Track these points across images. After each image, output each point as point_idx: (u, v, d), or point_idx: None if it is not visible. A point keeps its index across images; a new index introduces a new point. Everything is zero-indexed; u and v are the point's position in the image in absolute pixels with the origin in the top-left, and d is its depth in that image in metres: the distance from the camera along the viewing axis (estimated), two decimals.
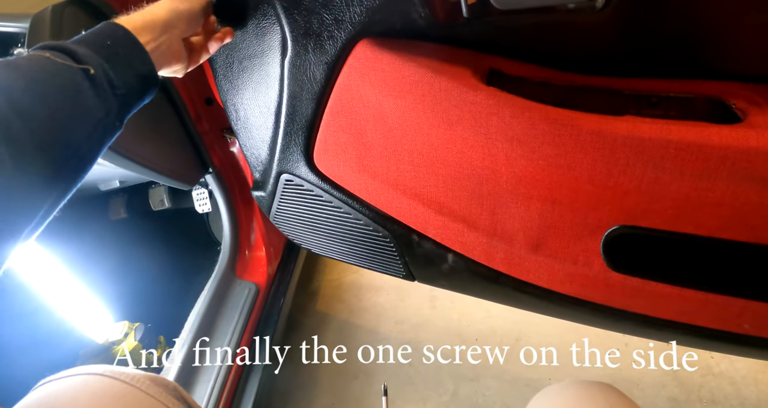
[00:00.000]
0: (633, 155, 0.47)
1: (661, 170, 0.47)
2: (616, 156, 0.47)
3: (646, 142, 0.47)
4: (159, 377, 0.50)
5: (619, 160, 0.47)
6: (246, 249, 1.13)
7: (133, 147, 0.86)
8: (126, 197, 1.43)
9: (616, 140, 0.47)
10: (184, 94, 0.98)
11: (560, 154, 0.49)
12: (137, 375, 0.48)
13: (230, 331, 1.01)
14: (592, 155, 0.48)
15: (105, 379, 0.46)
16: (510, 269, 0.62)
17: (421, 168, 0.59)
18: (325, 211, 0.74)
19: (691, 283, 0.55)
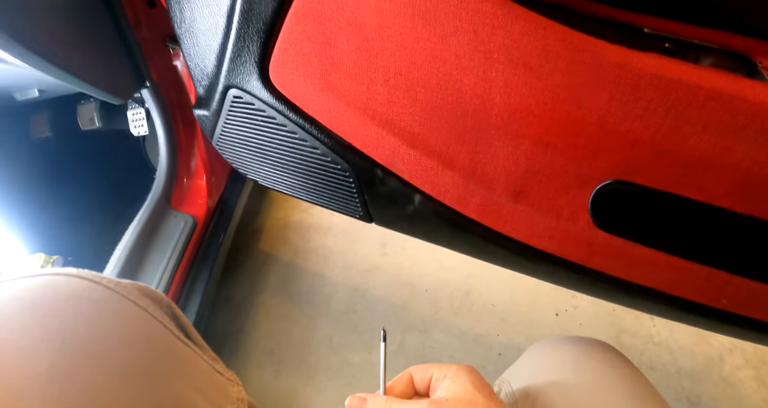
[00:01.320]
0: (657, 97, 0.40)
1: (683, 119, 0.40)
2: (637, 96, 0.40)
3: (674, 84, 0.39)
4: (149, 288, 0.40)
5: (639, 101, 0.40)
6: (184, 177, 1.01)
7: (57, 49, 0.71)
8: (51, 113, 1.25)
9: (641, 77, 0.39)
10: None
11: (573, 86, 0.40)
12: (123, 282, 0.39)
13: (161, 267, 0.91)
14: (610, 91, 0.40)
15: (81, 282, 0.36)
16: (484, 217, 0.55)
17: (398, 91, 0.49)
18: (276, 136, 0.63)
19: (678, 250, 0.50)
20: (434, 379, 0.44)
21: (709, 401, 1.05)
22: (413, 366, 0.46)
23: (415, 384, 0.45)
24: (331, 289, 1.18)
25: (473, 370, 0.44)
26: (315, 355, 1.08)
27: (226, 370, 0.44)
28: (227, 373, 0.44)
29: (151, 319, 0.37)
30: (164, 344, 0.37)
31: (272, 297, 1.18)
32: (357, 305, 1.14)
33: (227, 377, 0.43)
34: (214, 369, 0.42)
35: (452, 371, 0.43)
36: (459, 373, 0.43)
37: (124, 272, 0.87)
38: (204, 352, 0.42)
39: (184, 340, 0.40)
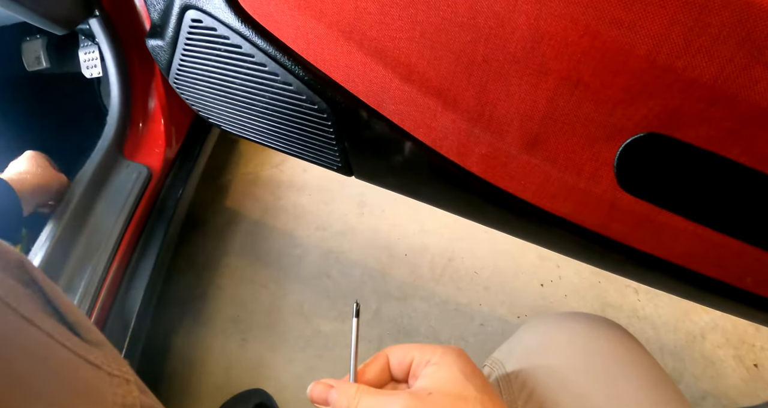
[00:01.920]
0: (730, 24, 0.31)
1: (757, 57, 0.32)
2: (706, 20, 0.31)
3: (753, 8, 0.30)
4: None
5: (709, 28, 0.31)
6: (140, 122, 0.89)
7: None
8: None
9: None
10: None
11: (625, 4, 0.31)
12: None
13: (110, 223, 0.80)
14: (672, 13, 0.31)
15: None
16: (488, 171, 0.46)
17: (393, 9, 0.39)
18: (242, 70, 0.53)
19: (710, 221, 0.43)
20: (415, 363, 0.38)
21: (690, 379, 1.04)
22: (390, 347, 0.40)
23: (392, 368, 0.39)
24: (302, 251, 1.09)
25: (462, 354, 0.37)
26: (284, 323, 1.00)
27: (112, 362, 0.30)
28: (112, 366, 0.30)
29: None
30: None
31: (238, 259, 1.09)
32: (331, 269, 1.06)
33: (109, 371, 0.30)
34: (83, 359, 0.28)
35: (437, 356, 0.37)
36: (445, 358, 0.36)
37: (68, 227, 0.76)
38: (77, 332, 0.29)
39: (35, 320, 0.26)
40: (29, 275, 0.28)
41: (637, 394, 0.43)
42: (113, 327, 0.75)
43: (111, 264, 0.76)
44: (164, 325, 1.01)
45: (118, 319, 0.75)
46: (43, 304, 0.28)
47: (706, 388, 1.03)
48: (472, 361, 0.37)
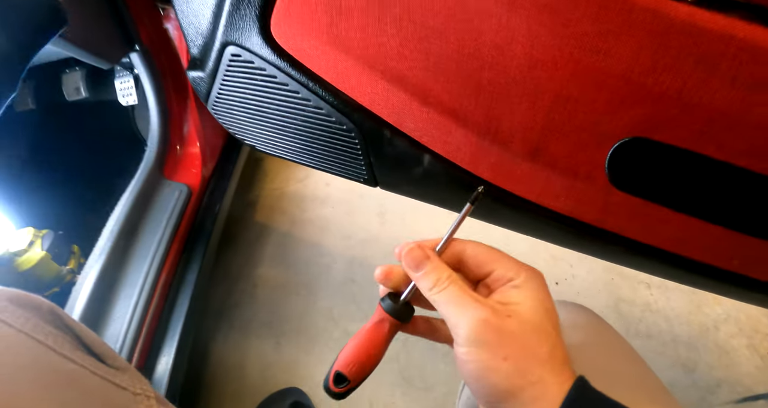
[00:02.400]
0: (687, 47, 0.38)
1: (712, 72, 0.39)
2: (667, 45, 0.38)
3: (707, 33, 0.37)
4: (24, 295, 0.34)
5: (669, 51, 0.38)
6: (177, 145, 0.98)
7: None
8: (33, 84, 1.19)
9: (673, 25, 0.37)
10: None
11: (601, 34, 0.38)
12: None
13: (156, 239, 0.88)
14: (639, 39, 0.38)
15: None
16: (497, 177, 0.53)
17: (410, 42, 0.47)
18: (277, 97, 0.61)
19: (692, 210, 0.49)
20: (496, 276, 0.37)
21: (705, 368, 1.07)
22: (473, 243, 0.39)
23: (466, 262, 0.39)
24: (329, 260, 1.16)
25: (544, 284, 0.36)
26: (314, 327, 1.07)
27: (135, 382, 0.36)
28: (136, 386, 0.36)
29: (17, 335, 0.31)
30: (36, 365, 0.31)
31: (269, 269, 1.17)
32: (356, 275, 1.13)
33: (133, 391, 0.36)
34: (111, 383, 0.34)
35: (521, 278, 0.36)
36: (529, 283, 0.35)
37: (117, 244, 0.85)
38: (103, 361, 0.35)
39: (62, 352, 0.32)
40: (61, 320, 0.34)
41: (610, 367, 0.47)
42: (164, 334, 0.82)
43: (159, 276, 0.83)
44: (203, 332, 1.08)
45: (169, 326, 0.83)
46: (76, 342, 0.34)
47: (720, 377, 1.06)
48: (550, 294, 0.36)
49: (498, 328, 0.32)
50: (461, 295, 0.34)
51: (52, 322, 0.34)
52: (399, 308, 0.39)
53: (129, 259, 0.84)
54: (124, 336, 0.73)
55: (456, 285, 0.35)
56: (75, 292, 0.77)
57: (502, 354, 0.32)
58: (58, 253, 0.96)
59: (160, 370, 0.76)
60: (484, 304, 0.33)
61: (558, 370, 0.32)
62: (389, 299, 0.40)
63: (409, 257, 0.37)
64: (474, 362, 0.32)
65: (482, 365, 0.32)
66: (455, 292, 0.34)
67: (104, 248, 0.84)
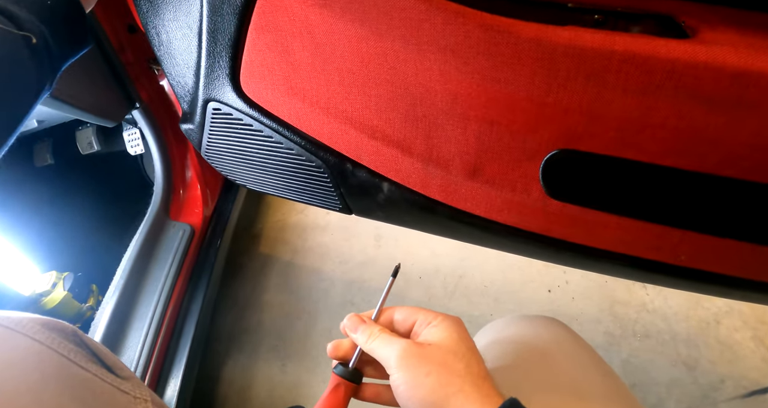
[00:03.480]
0: (574, 67, 0.44)
1: (603, 85, 0.44)
2: (556, 68, 0.44)
3: (588, 52, 0.43)
4: (53, 321, 0.42)
5: (559, 73, 0.44)
6: (180, 189, 1.07)
7: None
8: (51, 142, 1.31)
9: (556, 50, 0.43)
10: (105, 22, 0.88)
11: (496, 66, 0.45)
12: (23, 319, 0.41)
13: (163, 275, 0.96)
14: (530, 67, 0.44)
15: None
16: (446, 197, 0.59)
17: (352, 88, 0.54)
18: (256, 142, 0.68)
19: (628, 212, 0.54)
20: (418, 323, 0.45)
21: (707, 365, 1.07)
22: (398, 306, 0.48)
23: (396, 323, 0.47)
24: (328, 284, 1.22)
25: (460, 322, 0.44)
26: (316, 348, 1.13)
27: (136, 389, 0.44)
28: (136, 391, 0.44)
29: (48, 351, 0.39)
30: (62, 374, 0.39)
31: (274, 296, 1.24)
32: (354, 297, 1.19)
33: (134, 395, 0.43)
34: (117, 389, 0.42)
35: (438, 320, 0.44)
36: (445, 322, 0.43)
37: (129, 282, 0.93)
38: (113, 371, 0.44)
39: (87, 367, 0.41)
40: (80, 339, 0.43)
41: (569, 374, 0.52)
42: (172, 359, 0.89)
43: (167, 308, 0.91)
44: (214, 358, 1.15)
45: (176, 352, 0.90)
46: (91, 356, 0.43)
47: (723, 373, 1.05)
48: (466, 330, 0.44)
49: (418, 353, 0.40)
50: (389, 337, 0.43)
51: (73, 340, 0.42)
52: (350, 372, 0.47)
53: (140, 295, 0.92)
54: (137, 362, 0.80)
55: (384, 332, 0.44)
56: (94, 327, 0.86)
57: (424, 371, 0.39)
58: (79, 292, 1.06)
59: (170, 392, 0.83)
60: (407, 339, 0.42)
61: (477, 382, 0.39)
62: (341, 366, 0.48)
63: (349, 322, 0.47)
64: (403, 383, 0.40)
65: (410, 384, 0.39)
66: (385, 337, 0.43)
67: (118, 286, 0.92)
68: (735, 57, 0.42)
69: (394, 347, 0.42)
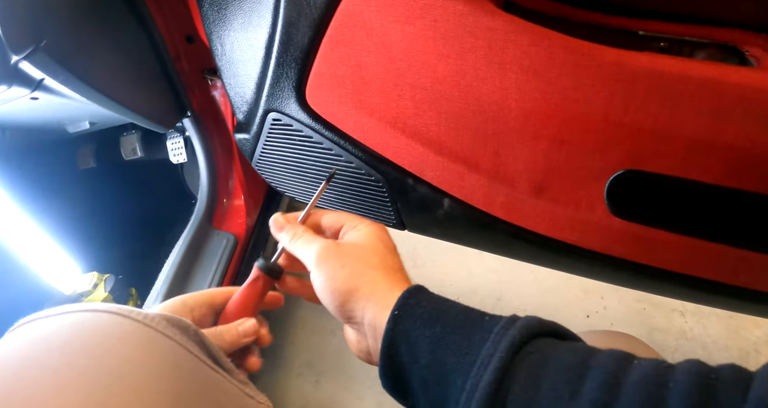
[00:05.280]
0: (652, 89, 0.45)
1: (677, 107, 0.45)
2: (634, 90, 0.45)
3: (666, 76, 0.44)
4: (177, 317, 0.40)
5: (637, 94, 0.45)
6: (224, 198, 1.08)
7: (109, 81, 0.80)
8: (95, 145, 1.34)
9: (636, 73, 0.44)
10: (164, 31, 0.91)
11: (577, 86, 0.46)
12: (150, 314, 0.38)
13: (206, 283, 0.98)
14: (610, 88, 0.45)
15: (109, 317, 0.36)
16: (509, 215, 0.60)
17: (424, 104, 0.55)
18: (313, 154, 0.70)
19: (691, 230, 0.54)
20: (345, 228, 0.48)
21: None
22: (325, 211, 0.51)
23: (323, 227, 0.50)
24: None
25: (383, 228, 0.47)
26: (352, 366, 1.12)
27: (257, 393, 0.43)
28: (258, 396, 0.43)
29: (179, 348, 0.38)
30: (193, 372, 0.38)
31: (308, 311, 1.24)
32: None
33: (258, 400, 0.42)
34: (244, 393, 0.41)
35: (363, 224, 0.47)
36: (369, 227, 0.46)
37: (171, 288, 0.94)
38: (233, 376, 0.42)
39: (213, 366, 0.40)
40: (200, 338, 0.41)
41: None
42: None
43: None
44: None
45: None
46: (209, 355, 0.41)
47: None
48: (389, 234, 0.47)
49: (336, 249, 0.43)
50: (311, 237, 0.46)
51: (195, 340, 0.40)
52: (269, 266, 0.49)
53: None
54: None
55: (307, 233, 0.46)
56: None
57: (340, 263, 0.42)
58: (119, 295, 1.07)
59: None
60: (326, 240, 0.45)
61: (389, 273, 0.42)
62: (263, 260, 0.50)
63: (274, 223, 0.49)
64: (321, 276, 0.42)
65: (327, 276, 0.42)
66: (307, 237, 0.46)
67: (160, 291, 0.93)
68: None
69: (314, 246, 0.44)
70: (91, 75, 0.75)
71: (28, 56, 0.68)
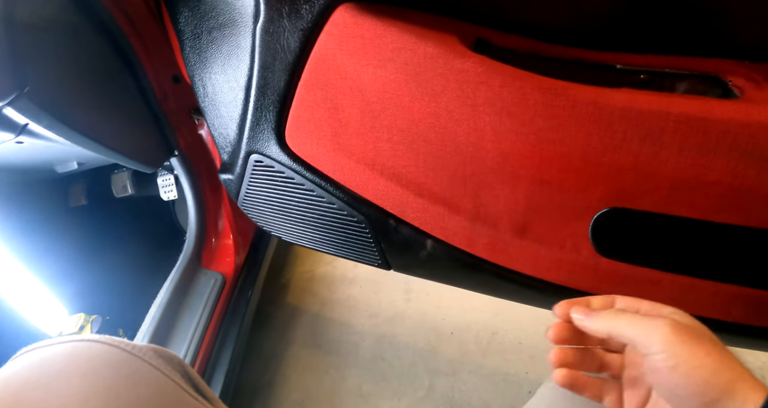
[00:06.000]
0: (631, 128, 0.44)
1: (659, 145, 0.44)
2: (612, 129, 0.44)
3: (645, 114, 0.43)
4: (163, 349, 0.45)
5: (615, 134, 0.44)
6: (213, 237, 1.07)
7: (94, 125, 0.79)
8: (87, 183, 1.34)
9: (613, 112, 0.44)
10: (150, 71, 0.92)
11: (553, 127, 0.45)
12: (138, 345, 0.43)
13: (194, 323, 0.95)
14: (587, 128, 0.44)
15: (101, 346, 0.41)
16: (493, 255, 0.58)
17: (401, 146, 0.54)
18: (296, 195, 0.69)
19: (680, 268, 0.52)
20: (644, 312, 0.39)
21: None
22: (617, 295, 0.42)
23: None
24: (357, 338, 1.19)
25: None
26: (345, 405, 1.09)
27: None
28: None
29: (163, 377, 0.42)
30: (174, 399, 0.41)
31: (301, 348, 1.21)
32: (385, 353, 1.15)
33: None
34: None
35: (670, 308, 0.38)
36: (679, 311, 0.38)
37: (159, 329, 0.91)
38: (214, 404, 0.46)
39: (194, 395, 0.44)
40: (184, 369, 0.46)
41: None
42: None
43: (196, 358, 0.89)
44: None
45: None
46: (192, 385, 0.45)
47: None
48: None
49: (689, 329, 0.34)
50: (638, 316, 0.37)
51: (179, 370, 0.45)
52: None
53: (169, 342, 0.91)
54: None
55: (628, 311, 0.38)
56: None
57: (703, 351, 0.33)
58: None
59: None
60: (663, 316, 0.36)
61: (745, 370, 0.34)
62: None
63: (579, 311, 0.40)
64: (680, 364, 0.34)
65: (689, 364, 0.33)
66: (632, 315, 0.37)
67: (147, 332, 0.91)
68: None
69: (656, 322, 0.35)
70: (76, 119, 0.75)
71: (11, 102, 0.68)
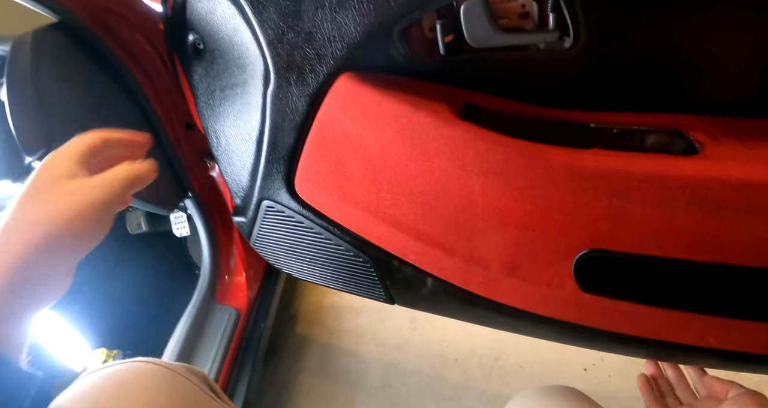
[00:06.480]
0: (600, 187, 0.50)
1: (625, 200, 0.50)
2: (584, 187, 0.50)
3: (611, 174, 0.50)
4: (192, 367, 0.57)
5: (587, 191, 0.50)
6: (225, 274, 1.13)
7: None
8: None
9: (584, 173, 0.50)
10: (164, 119, 0.99)
11: (533, 186, 0.51)
12: (175, 364, 0.55)
13: (211, 357, 1.01)
14: (562, 187, 0.51)
15: (150, 365, 0.53)
16: (486, 292, 0.64)
17: (400, 197, 0.61)
18: (305, 237, 0.75)
19: (654, 301, 0.58)
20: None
21: None
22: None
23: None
24: (365, 366, 1.24)
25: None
26: None
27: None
28: None
29: (192, 385, 0.54)
30: (201, 401, 0.54)
31: (310, 377, 1.25)
32: (391, 380, 1.20)
33: None
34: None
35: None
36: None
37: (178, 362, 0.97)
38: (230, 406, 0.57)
39: (216, 399, 0.55)
40: (209, 383, 0.57)
41: None
42: None
43: None
44: None
45: None
46: (214, 393, 0.57)
47: None
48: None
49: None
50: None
51: (206, 383, 0.57)
52: None
53: None
54: None
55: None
56: None
57: None
58: None
59: None
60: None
61: None
62: None
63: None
64: None
65: None
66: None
67: None
68: (739, 170, 0.48)
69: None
70: None
71: (41, 158, 0.75)
